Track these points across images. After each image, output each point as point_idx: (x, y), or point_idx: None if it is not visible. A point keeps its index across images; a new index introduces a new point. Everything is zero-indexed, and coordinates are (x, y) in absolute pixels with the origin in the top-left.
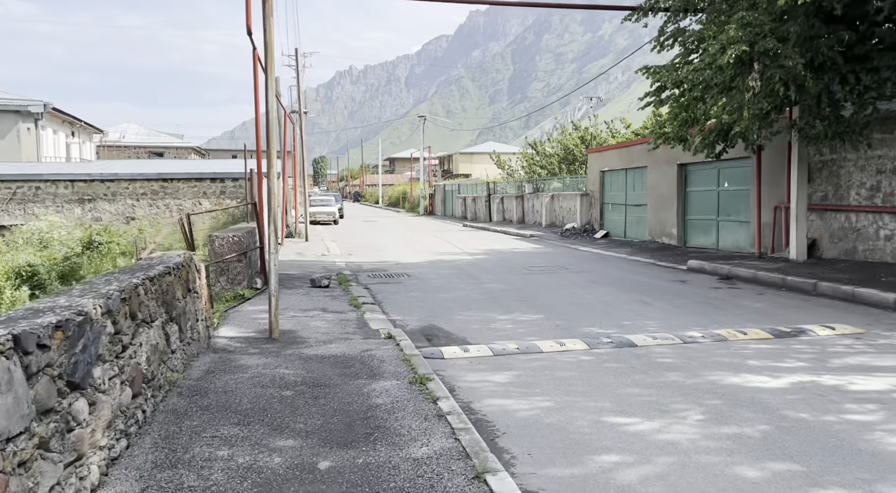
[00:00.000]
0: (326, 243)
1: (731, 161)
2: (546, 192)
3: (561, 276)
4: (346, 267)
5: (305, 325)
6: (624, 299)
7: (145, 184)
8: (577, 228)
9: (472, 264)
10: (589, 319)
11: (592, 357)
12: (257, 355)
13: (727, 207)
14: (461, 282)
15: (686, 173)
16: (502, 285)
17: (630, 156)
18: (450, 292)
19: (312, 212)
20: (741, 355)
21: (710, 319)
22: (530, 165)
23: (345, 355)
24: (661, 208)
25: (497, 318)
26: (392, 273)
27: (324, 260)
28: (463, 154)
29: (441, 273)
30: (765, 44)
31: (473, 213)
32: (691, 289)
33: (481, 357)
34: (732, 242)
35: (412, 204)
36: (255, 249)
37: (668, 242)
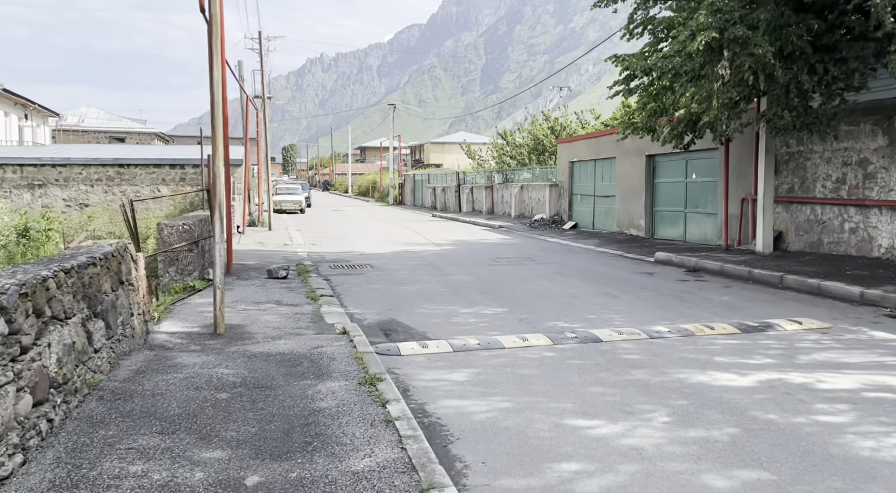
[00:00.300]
0: (290, 233)
1: (699, 152)
2: (515, 182)
3: (527, 267)
4: (307, 257)
5: (256, 319)
6: (590, 291)
7: (100, 169)
8: (545, 219)
9: (438, 256)
10: (554, 312)
11: (556, 353)
12: (197, 353)
13: (695, 199)
14: (426, 274)
15: (654, 165)
16: (468, 276)
17: (599, 146)
18: (413, 284)
19: (278, 200)
20: (708, 352)
21: (676, 312)
22: (500, 155)
23: (293, 352)
24: (629, 200)
25: (460, 311)
26: (355, 264)
27: (285, 250)
28: (434, 144)
29: (406, 264)
30: (734, 31)
31: (443, 203)
32: (658, 281)
33: (440, 354)
34: (700, 234)
35: (382, 193)
36: (208, 237)
37: (636, 234)
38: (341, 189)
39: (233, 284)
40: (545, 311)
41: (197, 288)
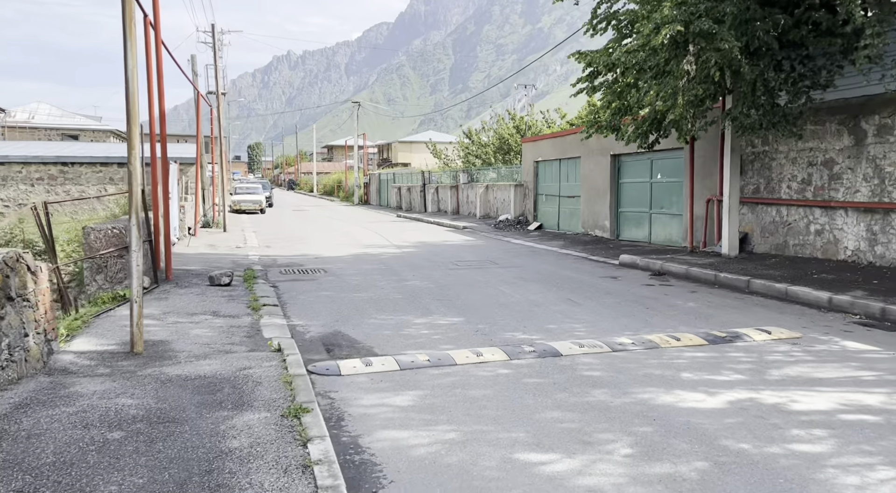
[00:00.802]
0: (245, 234)
1: (664, 152)
2: (481, 182)
3: (489, 272)
4: (258, 261)
5: (184, 334)
6: (552, 298)
7: (41, 168)
8: (510, 220)
9: (397, 259)
10: (513, 322)
11: (511, 370)
12: (103, 378)
13: (660, 200)
14: (382, 279)
15: (619, 164)
16: (425, 282)
17: (564, 146)
18: (366, 290)
19: (237, 200)
20: (674, 367)
21: (641, 321)
22: (466, 154)
23: (216, 375)
24: (594, 200)
25: (413, 322)
26: (308, 269)
27: (236, 253)
28: (402, 143)
29: (362, 269)
30: (700, 24)
31: (409, 203)
32: (623, 286)
33: (385, 373)
34: (665, 235)
35: (347, 193)
36: (145, 241)
37: (601, 235)
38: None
39: (169, 292)
40: (504, 320)
41: (127, 298)
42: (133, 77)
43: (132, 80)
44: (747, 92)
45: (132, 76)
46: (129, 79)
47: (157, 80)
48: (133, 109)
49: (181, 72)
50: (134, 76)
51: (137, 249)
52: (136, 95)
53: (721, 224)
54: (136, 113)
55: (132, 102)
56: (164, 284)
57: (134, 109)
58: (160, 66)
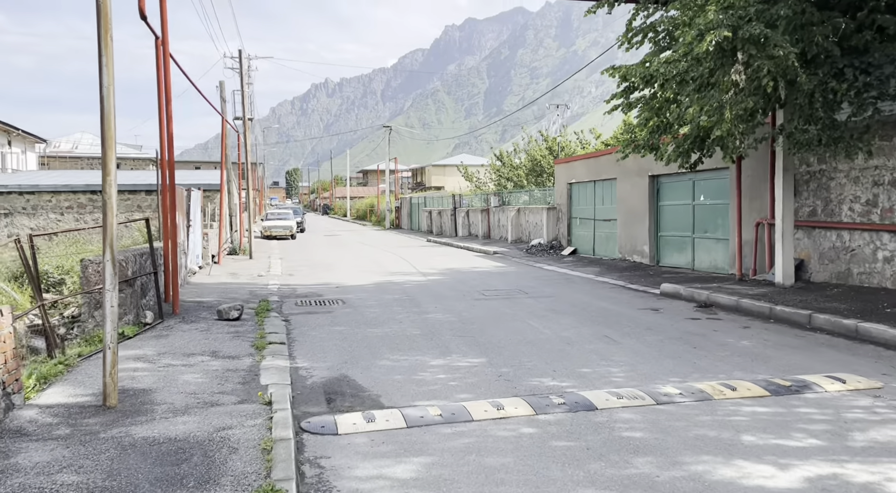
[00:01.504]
0: (271, 261)
1: (707, 172)
2: (512, 205)
3: (518, 302)
4: (277, 291)
5: (173, 380)
6: (587, 334)
7: (71, 196)
8: (543, 245)
9: (421, 287)
10: (541, 364)
11: (537, 429)
12: (56, 443)
13: (703, 223)
14: (401, 311)
15: (658, 186)
16: (448, 315)
17: (598, 167)
18: (383, 325)
19: (268, 226)
20: (732, 426)
21: (688, 364)
22: (498, 177)
23: (188, 438)
24: (631, 224)
25: (429, 364)
26: (326, 299)
27: (257, 282)
28: (436, 167)
29: (382, 299)
30: (750, 29)
31: (439, 227)
32: (665, 320)
33: (389, 431)
34: (709, 261)
35: (379, 217)
36: (147, 274)
37: (639, 261)
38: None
39: (172, 328)
40: (531, 362)
41: (126, 335)
42: (109, 95)
43: (108, 98)
44: (804, 104)
45: (108, 94)
46: (105, 97)
47: (165, 105)
48: (108, 130)
49: (202, 96)
50: (110, 94)
51: (112, 287)
52: (111, 115)
53: (773, 250)
54: (113, 134)
55: (108, 122)
56: (169, 318)
57: (109, 129)
58: (168, 89)
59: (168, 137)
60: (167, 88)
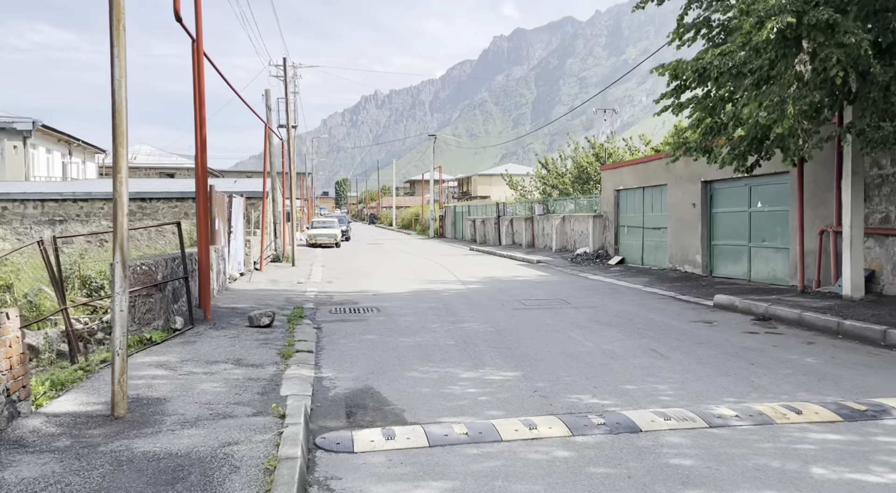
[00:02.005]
0: (312, 269)
1: (765, 177)
2: (557, 213)
3: (559, 313)
4: (313, 298)
5: (189, 389)
6: (632, 347)
7: None
8: (588, 254)
9: (459, 296)
10: (581, 379)
11: (572, 453)
12: (51, 456)
13: (761, 231)
14: (436, 320)
15: (711, 192)
16: (484, 325)
17: (648, 173)
18: (415, 334)
19: (313, 234)
20: (799, 456)
21: (745, 382)
22: (543, 185)
23: (190, 453)
24: (682, 232)
25: (459, 376)
26: (361, 307)
27: (295, 289)
28: (481, 176)
29: (418, 308)
30: (817, 14)
31: (483, 236)
32: (719, 334)
33: (409, 450)
34: (767, 272)
35: (423, 226)
36: (178, 279)
37: (691, 271)
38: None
39: (201, 335)
40: (570, 377)
41: (154, 341)
42: (120, 87)
43: (119, 91)
44: (878, 98)
45: (119, 86)
46: (116, 89)
47: (198, 109)
48: (120, 125)
49: (243, 102)
50: (122, 87)
51: (121, 291)
52: (123, 108)
53: (840, 260)
54: (124, 129)
55: (119, 115)
56: (200, 324)
57: (121, 123)
58: (202, 92)
59: (201, 141)
60: (200, 92)
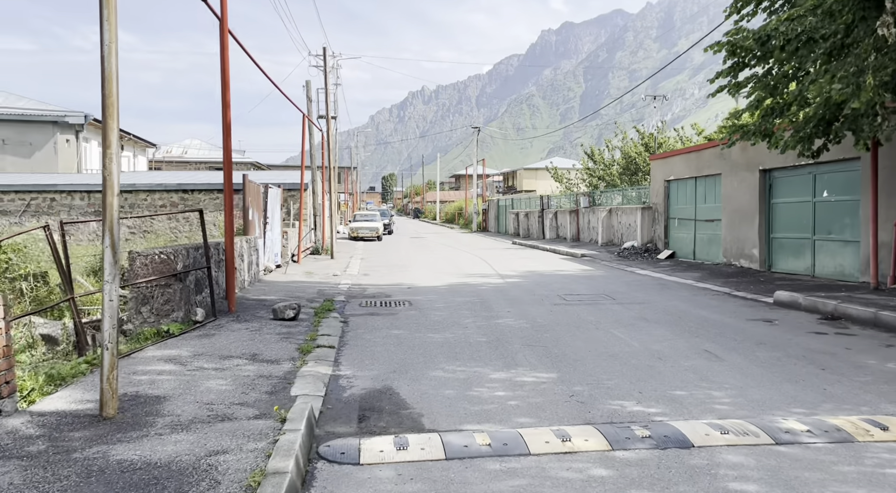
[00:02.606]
0: (351, 261)
1: (831, 164)
2: (604, 206)
3: (603, 309)
4: (346, 291)
5: (193, 386)
6: (682, 348)
7: (164, 195)
8: (637, 248)
9: (497, 290)
10: (624, 383)
11: (612, 471)
12: (17, 462)
13: (826, 223)
14: (469, 315)
15: (770, 181)
16: (520, 321)
17: (700, 162)
18: (446, 330)
19: (355, 227)
20: (890, 484)
21: (816, 390)
22: (589, 176)
23: (170, 464)
24: (738, 224)
25: (489, 377)
26: (394, 300)
27: (329, 281)
28: (527, 170)
29: (452, 302)
30: None
31: (526, 229)
32: (781, 334)
33: (422, 463)
34: (834, 267)
35: (466, 220)
36: (200, 268)
37: (747, 266)
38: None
39: (222, 327)
40: (612, 380)
41: (171, 334)
42: (110, 53)
43: (109, 58)
44: None
45: (109, 52)
46: (106, 56)
47: (223, 91)
48: (109, 96)
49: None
50: (111, 53)
51: (111, 279)
52: (113, 77)
53: None
54: (115, 101)
55: (108, 85)
56: (223, 316)
57: (111, 95)
58: (226, 74)
59: (226, 125)
60: (225, 73)
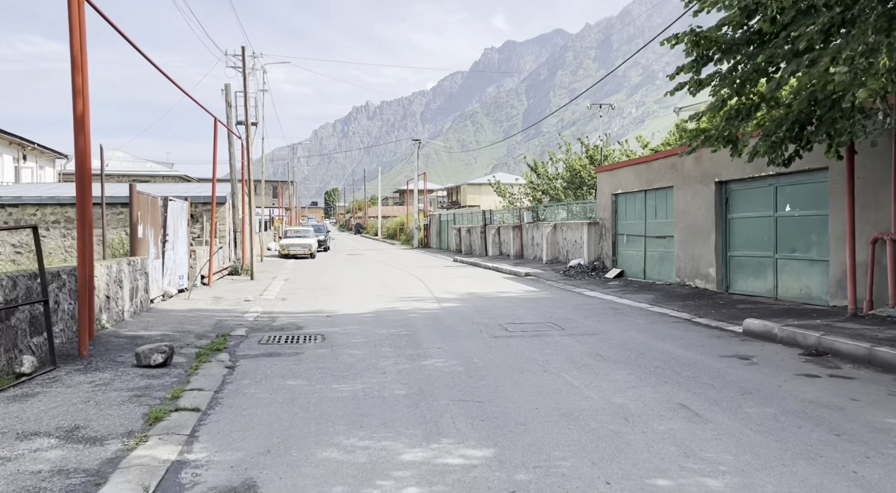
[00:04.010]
0: (273, 283)
1: (795, 175)
2: (548, 221)
3: (551, 343)
4: (251, 322)
5: None
6: (652, 400)
7: (58, 209)
8: (583, 266)
9: (430, 318)
10: (583, 465)
11: None
12: None
13: (790, 240)
14: (392, 355)
15: (728, 194)
16: (452, 361)
17: (650, 174)
18: (357, 377)
19: (285, 244)
20: None
21: (844, 475)
22: (533, 190)
23: None
24: (692, 241)
25: (401, 457)
26: (305, 334)
27: (235, 309)
28: (471, 185)
29: (374, 335)
30: None
31: (468, 246)
32: (766, 377)
33: None
34: (799, 289)
35: (408, 236)
36: (36, 302)
37: (703, 287)
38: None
39: (54, 382)
40: (567, 459)
41: None
42: None
43: None
44: None
45: None
46: None
47: (77, 73)
48: None
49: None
50: None
51: None
52: None
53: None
54: None
55: None
56: (68, 364)
57: None
58: (82, 50)
59: (78, 118)
60: (75, 51)
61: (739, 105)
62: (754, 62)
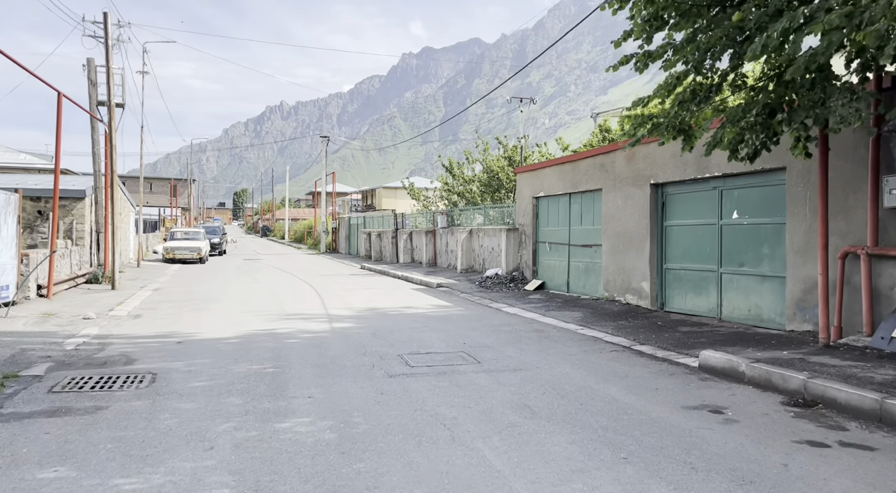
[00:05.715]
0: (136, 294)
1: (744, 177)
2: (463, 226)
3: (463, 383)
4: (69, 351)
5: None
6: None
7: None
8: (501, 276)
9: (313, 345)
10: None
11: None
12: None
13: (737, 253)
14: (238, 409)
15: (664, 198)
16: (323, 421)
17: (577, 175)
18: (165, 459)
19: (171, 247)
20: None
21: None
22: (448, 193)
23: None
24: (624, 251)
25: None
26: (129, 373)
27: (59, 332)
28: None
29: (227, 374)
30: None
31: (378, 252)
32: (759, 451)
33: None
34: (748, 309)
35: (315, 240)
36: None
37: (635, 304)
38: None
39: None
40: None
41: None
42: None
43: None
44: None
45: None
46: None
47: None
48: None
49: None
50: None
51: None
52: None
53: (873, 297)
54: None
55: None
56: None
57: None
58: None
59: None
60: None
61: (696, 85)
62: (723, 26)
